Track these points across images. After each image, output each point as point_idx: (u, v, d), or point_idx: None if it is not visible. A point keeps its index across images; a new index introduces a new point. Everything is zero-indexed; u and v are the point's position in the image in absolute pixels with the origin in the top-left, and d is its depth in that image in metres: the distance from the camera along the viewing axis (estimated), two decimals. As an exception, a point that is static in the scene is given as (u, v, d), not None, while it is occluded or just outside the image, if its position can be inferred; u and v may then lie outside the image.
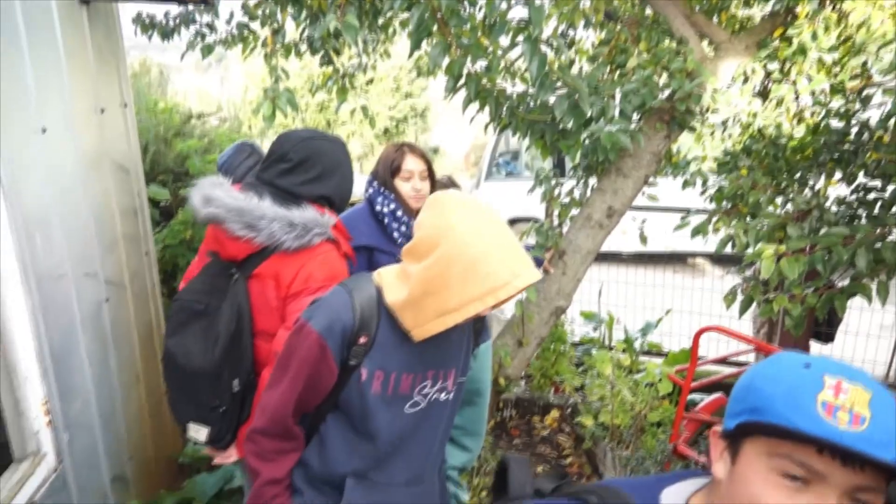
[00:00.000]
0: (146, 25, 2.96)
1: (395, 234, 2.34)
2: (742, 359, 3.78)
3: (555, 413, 3.43)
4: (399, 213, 2.35)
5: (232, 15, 2.99)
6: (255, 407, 1.74)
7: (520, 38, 2.41)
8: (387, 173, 2.38)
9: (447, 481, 1.72)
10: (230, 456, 1.84)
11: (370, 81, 15.36)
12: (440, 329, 1.31)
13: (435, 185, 2.49)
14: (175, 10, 2.95)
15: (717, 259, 8.61)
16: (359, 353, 1.40)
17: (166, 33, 2.94)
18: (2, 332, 1.65)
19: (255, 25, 3.06)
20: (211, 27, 3.02)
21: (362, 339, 1.40)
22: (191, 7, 2.93)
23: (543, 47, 2.46)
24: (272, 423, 1.46)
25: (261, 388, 1.74)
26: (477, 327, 1.58)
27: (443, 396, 1.51)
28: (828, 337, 4.14)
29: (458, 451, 1.75)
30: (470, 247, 1.25)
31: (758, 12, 2.95)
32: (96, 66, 2.16)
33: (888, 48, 2.00)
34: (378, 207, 2.35)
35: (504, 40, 2.52)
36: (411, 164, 2.39)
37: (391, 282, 1.41)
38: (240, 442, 1.81)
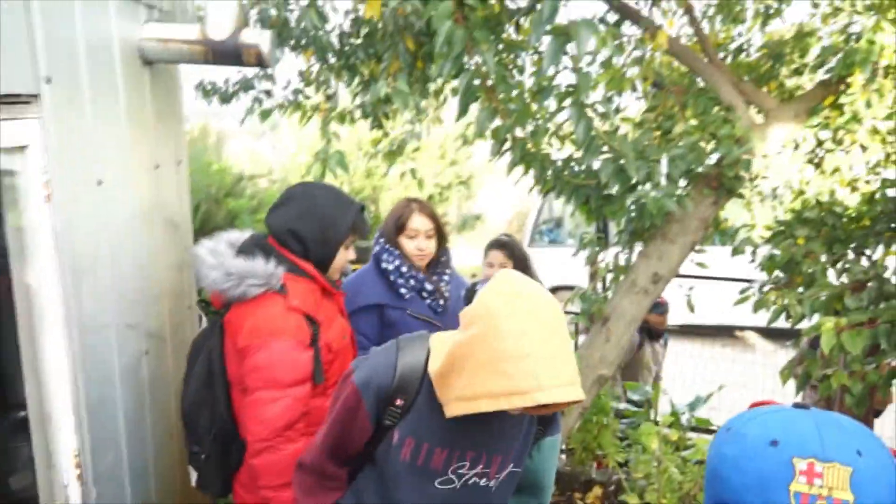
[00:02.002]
0: (207, 91, 3.09)
1: (403, 290, 2.34)
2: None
3: (597, 490, 3.26)
4: (404, 269, 2.35)
5: (289, 82, 3.11)
6: (244, 456, 1.80)
7: (566, 102, 2.43)
8: (392, 230, 2.40)
9: None
10: None
11: (417, 149, 15.70)
12: (459, 413, 1.21)
13: (443, 243, 2.48)
14: (235, 76, 3.08)
15: (767, 333, 8.30)
16: (394, 415, 1.36)
17: (226, 98, 3.07)
18: (41, 380, 1.66)
19: (310, 91, 3.17)
20: (268, 93, 3.14)
21: (398, 402, 1.35)
22: (249, 75, 3.06)
23: (590, 112, 2.48)
24: (311, 459, 1.48)
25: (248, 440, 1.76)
26: (545, 417, 1.46)
27: (482, 482, 1.41)
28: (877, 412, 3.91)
29: None
30: (502, 340, 1.14)
31: (807, 81, 2.92)
32: (154, 123, 2.25)
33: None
34: (384, 265, 2.36)
35: (551, 105, 2.55)
36: (417, 222, 2.39)
37: (438, 348, 1.35)
38: (236, 491, 1.89)
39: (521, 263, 3.29)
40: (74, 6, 1.72)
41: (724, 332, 7.93)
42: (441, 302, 2.40)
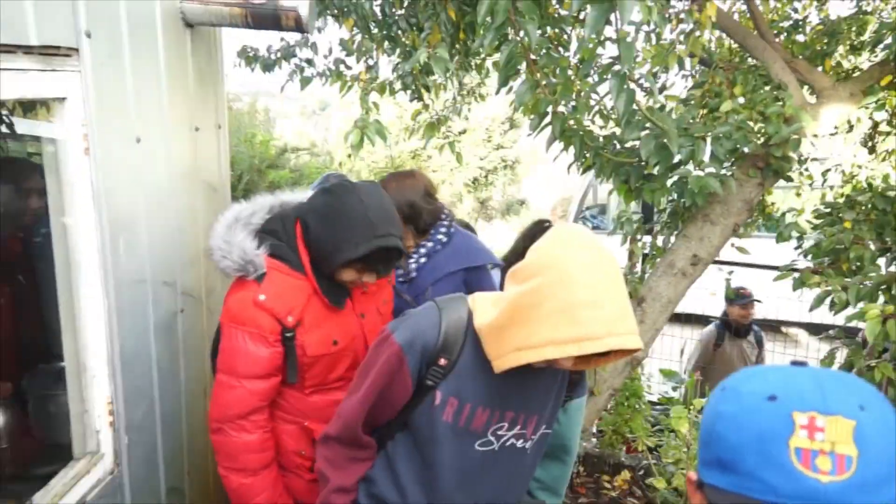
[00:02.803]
0: (250, 58, 3.13)
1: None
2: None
3: (626, 474, 3.22)
4: None
5: (330, 51, 3.11)
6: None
7: (608, 74, 2.37)
8: None
9: None
10: None
11: (463, 131, 15.67)
12: (516, 364, 1.21)
13: (419, 225, 2.29)
14: (277, 44, 3.11)
15: (816, 330, 8.03)
16: (437, 375, 1.35)
17: (268, 65, 3.10)
18: (77, 330, 1.71)
19: (352, 61, 3.17)
20: (309, 62, 3.15)
21: (442, 361, 1.34)
22: (291, 42, 3.08)
23: (633, 86, 2.41)
24: (345, 429, 1.45)
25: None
26: (574, 379, 1.49)
27: (519, 443, 1.41)
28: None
29: None
30: (572, 286, 1.14)
31: (866, 61, 2.79)
32: (195, 86, 2.28)
33: None
34: None
35: (593, 78, 2.49)
36: None
37: (484, 306, 1.35)
38: None
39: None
40: (117, -36, 1.74)
41: (768, 328, 7.71)
42: (403, 274, 2.32)
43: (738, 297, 4.07)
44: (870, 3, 2.64)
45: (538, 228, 2.75)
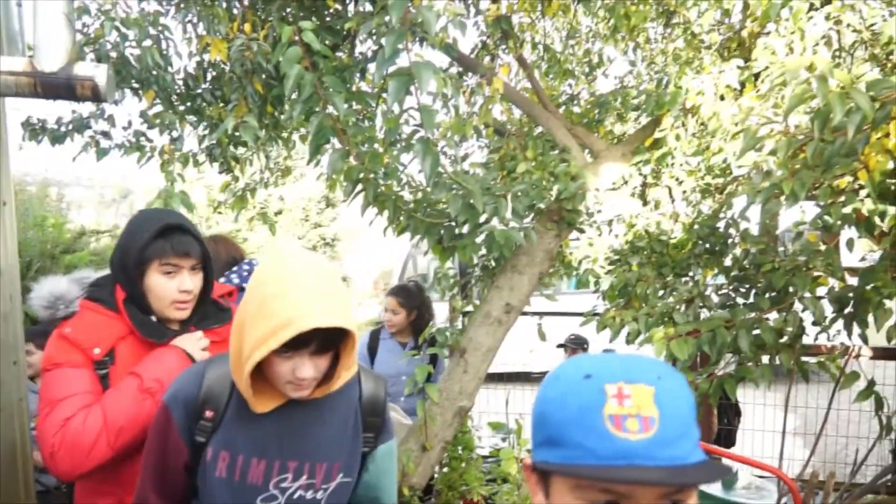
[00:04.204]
0: (35, 131, 2.90)
1: None
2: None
3: (465, 528, 3.25)
4: None
5: (130, 123, 2.99)
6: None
7: (414, 140, 2.52)
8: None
9: None
10: None
11: (279, 212, 15.51)
12: (242, 380, 1.21)
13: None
14: (68, 115, 2.92)
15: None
16: (205, 430, 1.30)
17: (57, 137, 2.88)
18: None
19: (153, 133, 3.06)
20: (106, 134, 2.99)
21: (208, 413, 1.30)
22: (85, 114, 2.92)
23: (440, 157, 2.59)
24: (136, 501, 1.36)
25: None
26: (373, 423, 1.44)
27: (309, 495, 1.34)
28: (728, 438, 4.23)
29: None
30: (264, 285, 1.18)
31: (630, 128, 3.25)
32: (-28, 159, 2.07)
33: (735, 140, 2.23)
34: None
35: (399, 145, 2.64)
36: None
37: None
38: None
39: (417, 305, 3.34)
40: None
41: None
42: None
43: (572, 342, 4.51)
44: (630, 79, 3.11)
45: None
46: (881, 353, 3.20)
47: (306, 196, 15.69)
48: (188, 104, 3.09)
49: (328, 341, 1.23)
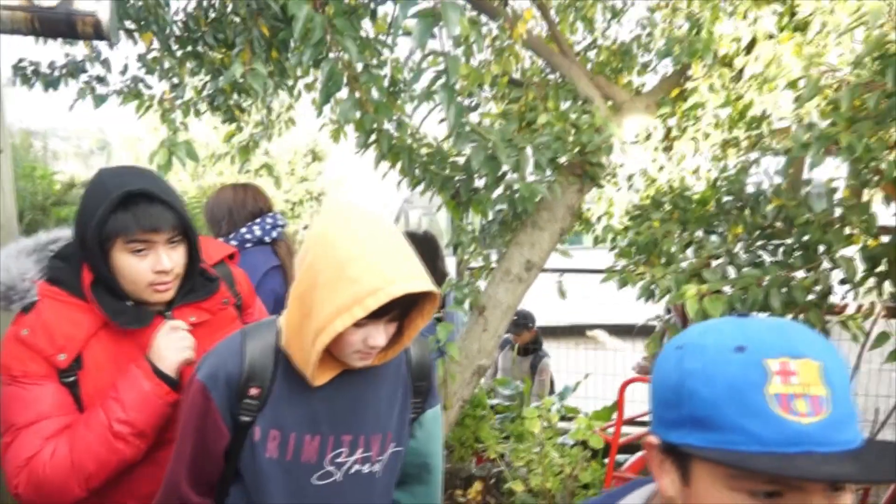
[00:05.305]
0: (27, 76, 2.71)
1: None
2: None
3: (478, 485, 3.23)
4: None
5: (126, 67, 2.81)
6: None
7: (436, 87, 2.39)
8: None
9: None
10: None
11: (264, 166, 15.16)
12: (316, 355, 1.10)
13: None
14: (61, 59, 2.74)
15: (614, 330, 8.86)
16: (251, 409, 1.19)
17: (51, 82, 2.70)
18: None
19: (152, 80, 2.89)
20: (102, 80, 2.81)
21: (253, 391, 1.19)
22: (79, 57, 2.73)
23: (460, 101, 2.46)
24: (166, 494, 1.25)
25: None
26: (420, 388, 1.36)
27: (366, 468, 1.27)
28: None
29: None
30: (337, 249, 1.07)
31: (652, 77, 3.13)
32: (-34, 103, 1.92)
33: (773, 91, 2.13)
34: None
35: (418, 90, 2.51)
36: None
37: (284, 321, 1.22)
38: None
39: (431, 256, 3.18)
40: None
41: (575, 332, 8.36)
42: None
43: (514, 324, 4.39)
44: (653, 21, 2.97)
45: None
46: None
47: (292, 149, 15.36)
48: (188, 48, 2.90)
49: (406, 306, 1.14)
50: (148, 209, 1.35)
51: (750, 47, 2.52)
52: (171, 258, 1.39)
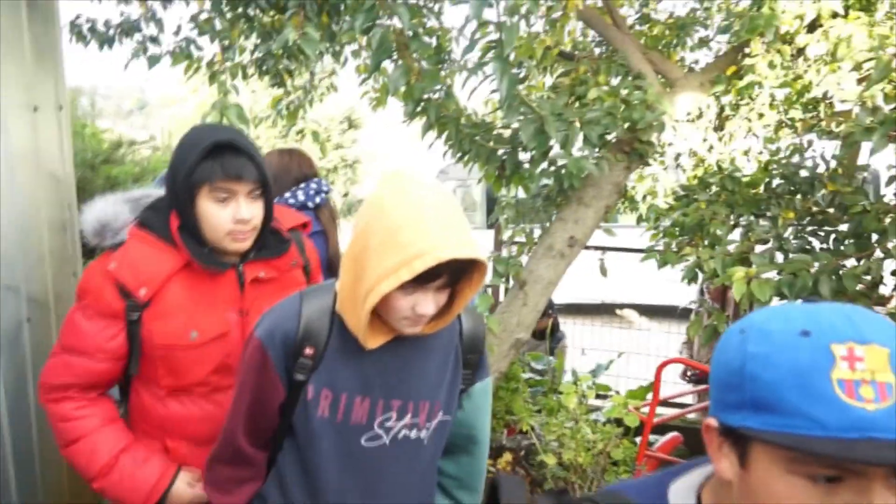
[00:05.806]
0: (82, 34, 2.75)
1: None
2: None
3: (508, 456, 3.27)
4: None
5: (179, 27, 2.83)
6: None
7: (488, 58, 2.37)
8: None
9: None
10: None
11: (301, 132, 15.21)
12: (365, 315, 1.14)
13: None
14: (117, 18, 2.77)
15: (644, 310, 8.79)
16: (305, 368, 1.24)
17: (105, 41, 2.74)
18: None
19: (203, 41, 2.91)
20: (154, 40, 2.84)
21: (308, 351, 1.23)
22: (134, 16, 2.76)
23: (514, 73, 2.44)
24: (224, 444, 1.31)
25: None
26: (471, 360, 1.38)
27: (413, 434, 1.30)
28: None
29: None
30: (390, 215, 1.10)
31: (706, 56, 3.06)
32: (32, 60, 1.96)
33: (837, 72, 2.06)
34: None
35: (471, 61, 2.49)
36: None
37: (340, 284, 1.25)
38: None
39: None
40: None
41: (604, 311, 8.32)
42: None
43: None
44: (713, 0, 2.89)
45: None
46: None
47: (328, 115, 15.39)
48: (238, 10, 2.91)
49: (455, 275, 1.16)
50: (233, 160, 1.45)
51: (812, 25, 2.45)
52: (250, 210, 1.48)
